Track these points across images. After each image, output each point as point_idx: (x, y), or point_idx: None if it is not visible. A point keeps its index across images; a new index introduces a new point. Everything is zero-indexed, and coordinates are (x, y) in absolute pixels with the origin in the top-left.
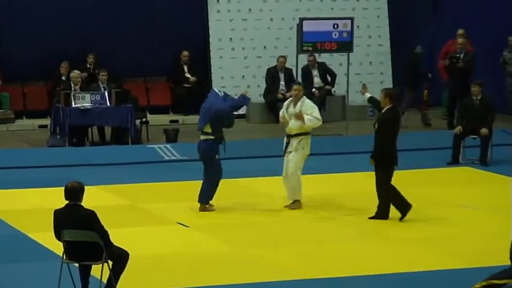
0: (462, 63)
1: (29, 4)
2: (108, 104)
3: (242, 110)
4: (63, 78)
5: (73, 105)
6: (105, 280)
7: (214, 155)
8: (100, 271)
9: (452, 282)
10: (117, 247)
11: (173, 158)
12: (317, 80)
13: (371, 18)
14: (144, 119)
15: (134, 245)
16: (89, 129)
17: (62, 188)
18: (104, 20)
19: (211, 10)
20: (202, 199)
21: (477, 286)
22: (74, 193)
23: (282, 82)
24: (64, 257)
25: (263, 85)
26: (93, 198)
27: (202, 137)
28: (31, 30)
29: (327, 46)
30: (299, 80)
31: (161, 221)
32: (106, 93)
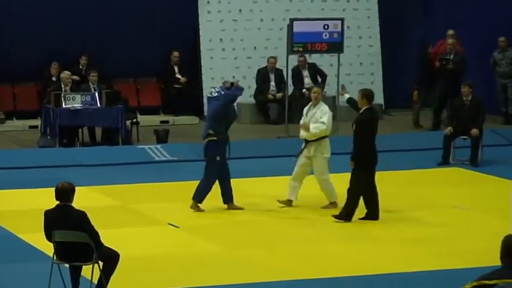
0: (452, 64)
1: (20, 5)
2: (98, 105)
3: None
4: (53, 79)
5: (63, 106)
6: (95, 281)
7: (214, 156)
8: (90, 272)
9: (447, 282)
10: (107, 248)
11: (163, 159)
12: (307, 81)
13: (361, 19)
14: (135, 120)
15: (125, 246)
16: (79, 130)
17: (53, 189)
18: (94, 21)
19: (201, 11)
20: (196, 196)
21: (467, 286)
22: (65, 194)
23: (273, 83)
24: (54, 258)
25: (253, 86)
26: (83, 198)
27: (207, 138)
28: (21, 30)
29: (318, 47)
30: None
31: (152, 222)
32: (96, 94)
